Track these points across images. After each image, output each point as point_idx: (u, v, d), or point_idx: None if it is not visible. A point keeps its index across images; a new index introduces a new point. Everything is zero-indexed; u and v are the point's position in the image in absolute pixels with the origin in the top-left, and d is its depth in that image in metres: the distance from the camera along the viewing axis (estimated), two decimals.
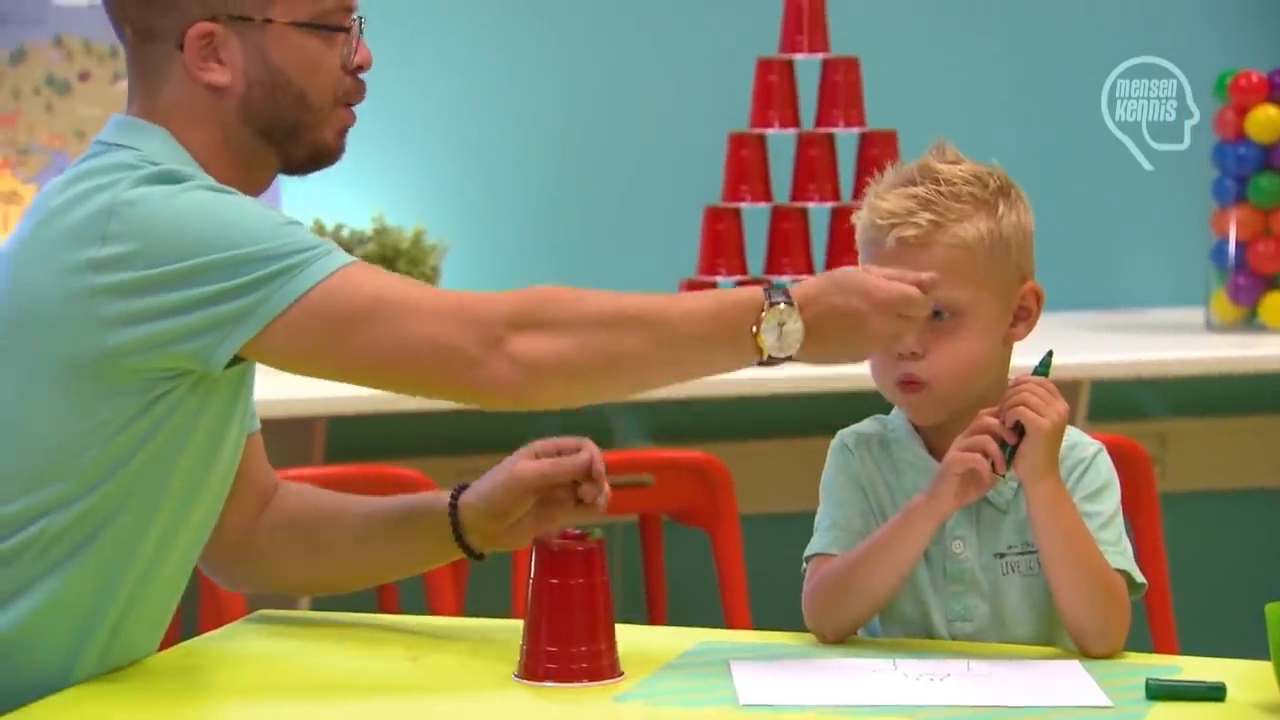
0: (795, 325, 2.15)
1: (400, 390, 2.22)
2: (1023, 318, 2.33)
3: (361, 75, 2.29)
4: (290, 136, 2.25)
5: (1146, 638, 4.03)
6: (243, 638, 2.39)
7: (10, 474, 2.15)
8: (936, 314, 2.25)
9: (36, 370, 2.13)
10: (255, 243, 2.09)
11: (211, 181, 2.17)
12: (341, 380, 2.21)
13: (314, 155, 2.29)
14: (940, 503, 2.23)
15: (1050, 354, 2.30)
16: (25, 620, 2.15)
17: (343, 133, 2.29)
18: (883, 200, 2.31)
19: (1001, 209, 2.31)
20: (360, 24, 2.27)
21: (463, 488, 2.37)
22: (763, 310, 2.14)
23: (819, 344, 2.16)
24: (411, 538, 2.40)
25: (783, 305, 2.14)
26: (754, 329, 2.14)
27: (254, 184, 2.27)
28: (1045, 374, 2.27)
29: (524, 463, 2.32)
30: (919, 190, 2.29)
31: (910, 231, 2.28)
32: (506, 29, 4.81)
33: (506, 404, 2.15)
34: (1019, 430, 2.21)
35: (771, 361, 2.16)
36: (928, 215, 2.28)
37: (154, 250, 2.09)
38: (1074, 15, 5.21)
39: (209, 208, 2.12)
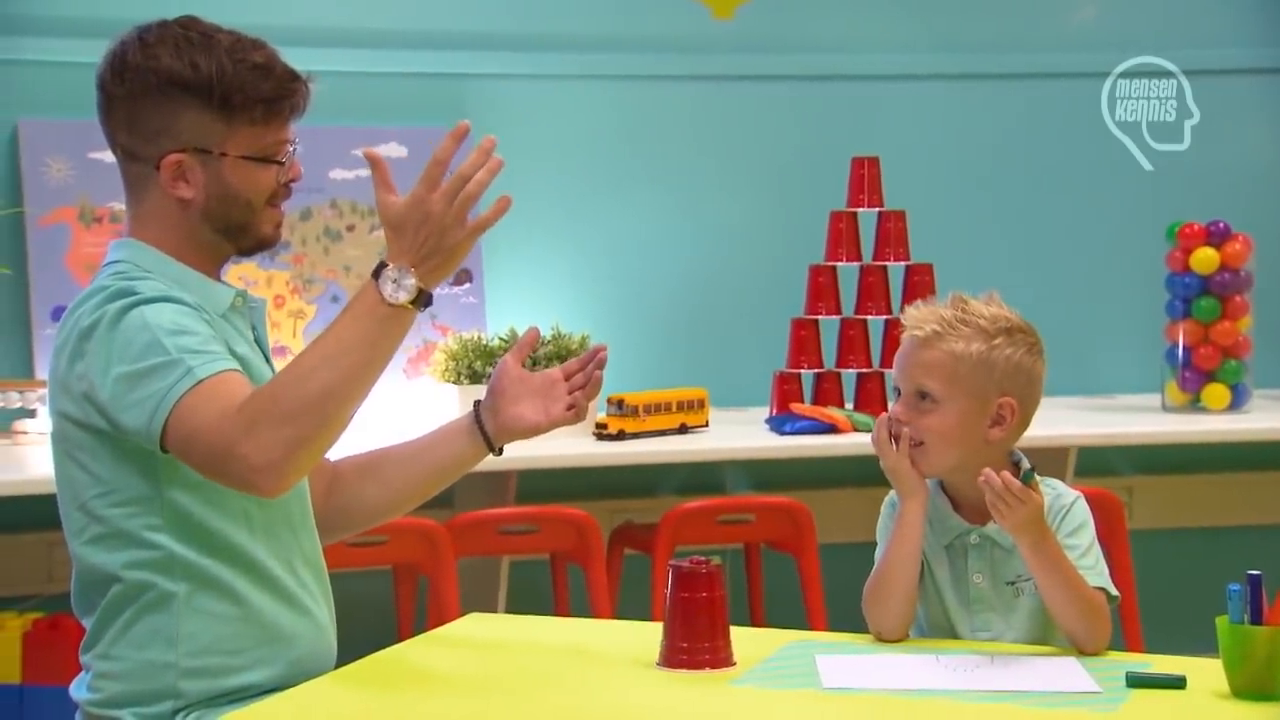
0: (401, 272, 1.96)
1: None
2: (998, 423, 2.24)
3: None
4: (240, 233, 2.15)
5: (1121, 640, 3.93)
6: (459, 633, 2.36)
7: (111, 519, 2.10)
8: (922, 396, 2.23)
9: (97, 453, 2.08)
10: (159, 357, 2.00)
11: (151, 292, 2.07)
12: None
13: (258, 244, 2.19)
14: (911, 502, 2.20)
15: (1033, 468, 2.24)
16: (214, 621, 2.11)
17: (277, 226, 2.18)
18: (916, 311, 2.28)
19: (999, 342, 2.24)
20: (294, 149, 2.17)
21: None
22: (376, 283, 1.97)
23: (425, 260, 1.97)
24: (449, 443, 2.30)
25: (384, 270, 1.96)
26: (380, 296, 1.96)
27: (215, 266, 2.19)
28: (1027, 482, 2.17)
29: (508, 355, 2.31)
30: (944, 311, 2.25)
31: (919, 333, 2.25)
32: (654, 191, 4.79)
33: (278, 493, 1.97)
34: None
35: (419, 304, 1.97)
36: (934, 327, 2.24)
37: (104, 365, 2.02)
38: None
39: (134, 330, 2.02)
